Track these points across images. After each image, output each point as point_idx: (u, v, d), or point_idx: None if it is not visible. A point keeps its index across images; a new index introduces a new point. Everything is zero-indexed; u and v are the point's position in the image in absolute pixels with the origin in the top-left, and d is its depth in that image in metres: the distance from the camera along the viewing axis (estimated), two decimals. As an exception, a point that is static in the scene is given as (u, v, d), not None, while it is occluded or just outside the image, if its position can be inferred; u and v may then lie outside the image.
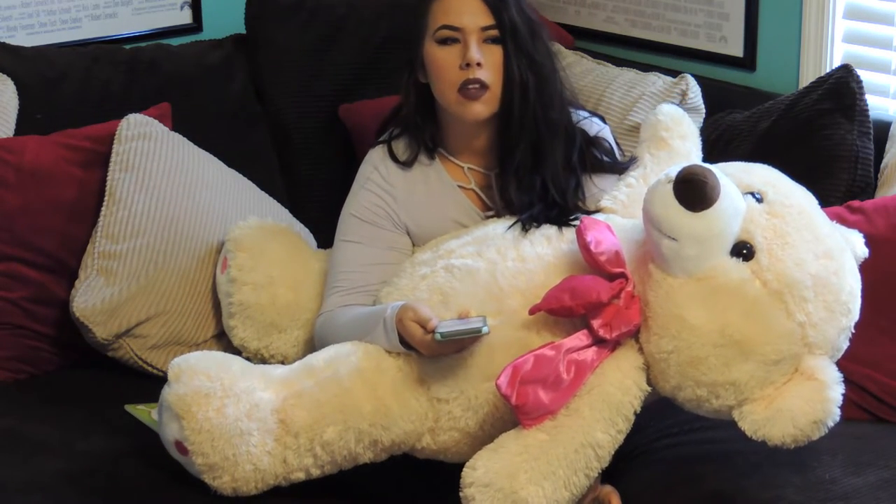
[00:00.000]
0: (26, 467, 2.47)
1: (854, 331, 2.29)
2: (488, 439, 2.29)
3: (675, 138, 2.62)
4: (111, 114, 2.99)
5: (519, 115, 2.54)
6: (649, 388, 2.29)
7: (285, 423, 2.35)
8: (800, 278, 2.19)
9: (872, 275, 2.36)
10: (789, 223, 2.23)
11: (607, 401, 2.25)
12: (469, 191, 2.65)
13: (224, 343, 2.83)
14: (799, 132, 2.86)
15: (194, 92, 3.22)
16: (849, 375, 2.24)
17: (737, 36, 3.26)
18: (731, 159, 2.46)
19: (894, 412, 2.51)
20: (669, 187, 2.17)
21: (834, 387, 2.18)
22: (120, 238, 2.82)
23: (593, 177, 2.60)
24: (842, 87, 2.83)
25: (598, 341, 2.27)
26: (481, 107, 2.53)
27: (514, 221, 2.51)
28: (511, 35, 2.53)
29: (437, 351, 2.33)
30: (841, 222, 2.43)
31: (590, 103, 3.12)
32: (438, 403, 2.37)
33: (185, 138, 3.00)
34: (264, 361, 2.71)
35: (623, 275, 2.28)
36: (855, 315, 2.27)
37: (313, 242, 3.02)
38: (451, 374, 2.36)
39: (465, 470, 2.23)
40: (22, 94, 3.01)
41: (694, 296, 2.21)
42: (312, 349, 2.56)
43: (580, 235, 2.30)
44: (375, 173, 2.66)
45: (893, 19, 3.04)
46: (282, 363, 2.61)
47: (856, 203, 2.65)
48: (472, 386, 2.35)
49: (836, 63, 3.09)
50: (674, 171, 2.19)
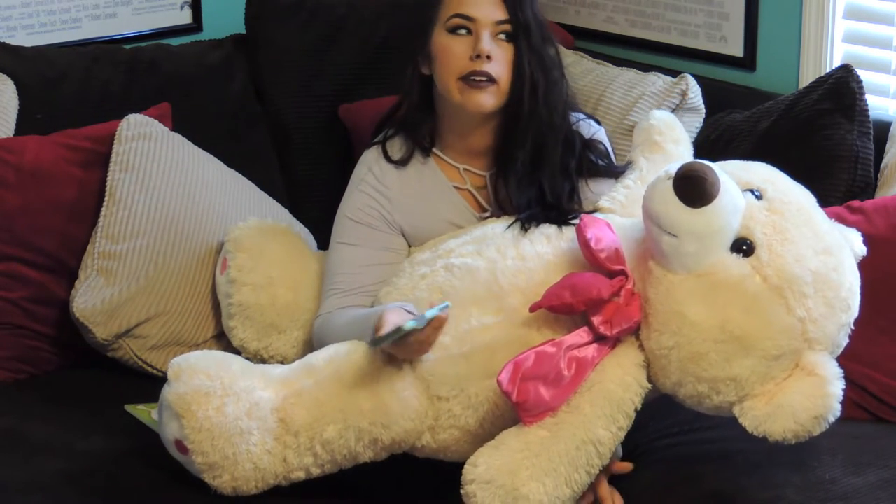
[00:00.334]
0: (26, 467, 2.46)
1: (854, 330, 2.29)
2: (488, 437, 2.29)
3: (668, 142, 2.64)
4: (111, 114, 2.99)
5: (526, 115, 2.54)
6: (650, 385, 2.29)
7: (285, 422, 2.35)
8: (800, 274, 2.19)
9: (872, 274, 2.36)
10: (789, 219, 2.23)
11: (608, 397, 2.25)
12: (464, 191, 2.65)
13: (224, 343, 2.83)
14: (799, 132, 2.86)
15: (194, 92, 3.22)
16: (849, 375, 2.24)
17: (737, 36, 3.26)
18: (730, 159, 2.46)
19: (894, 412, 2.51)
20: (669, 184, 2.18)
21: (834, 382, 2.18)
22: (120, 238, 2.82)
23: (589, 181, 2.60)
24: (842, 87, 2.83)
25: (598, 338, 2.27)
26: (486, 97, 2.53)
27: (514, 221, 2.51)
28: (524, 33, 2.54)
29: (402, 356, 2.33)
30: (841, 222, 2.43)
31: (590, 103, 3.12)
32: (438, 401, 2.37)
33: (185, 138, 3.00)
34: (264, 362, 2.70)
35: (623, 272, 2.29)
36: (854, 312, 2.27)
37: (313, 243, 3.02)
38: (452, 372, 2.36)
39: (466, 467, 2.23)
40: (22, 94, 3.01)
41: (694, 292, 2.21)
42: (312, 350, 2.56)
43: (580, 233, 2.30)
44: (370, 175, 2.66)
45: (893, 19, 3.05)
46: (281, 363, 2.61)
47: (856, 203, 2.66)
48: (472, 384, 2.35)
49: (836, 63, 3.09)
50: (674, 167, 2.19)
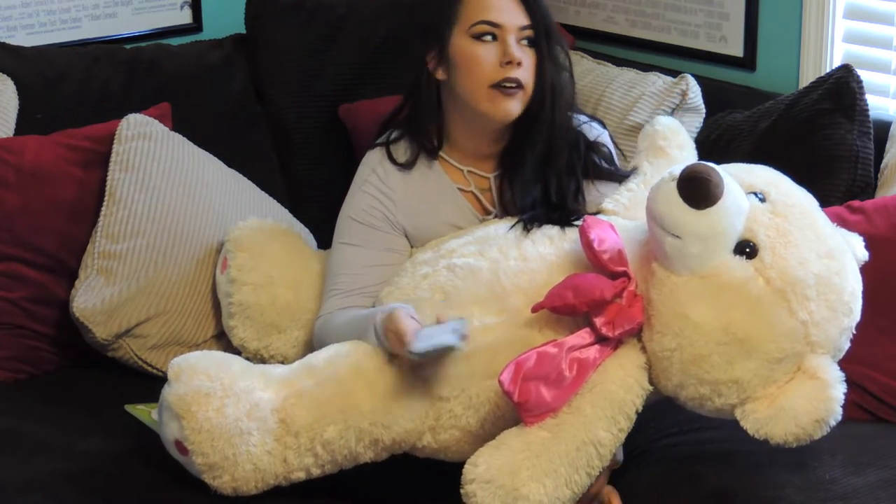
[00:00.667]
0: (26, 467, 2.46)
1: (854, 331, 2.29)
2: (489, 438, 2.29)
3: (672, 147, 2.64)
4: (111, 114, 2.99)
5: (543, 119, 2.54)
6: (651, 387, 2.29)
7: (285, 423, 2.34)
8: (803, 277, 2.20)
9: (872, 275, 2.36)
10: (792, 222, 2.23)
11: (609, 399, 2.25)
12: (468, 193, 2.65)
13: (224, 343, 2.83)
14: (799, 132, 2.86)
15: (194, 92, 3.22)
16: (849, 375, 2.24)
17: (737, 36, 3.26)
18: (731, 159, 2.47)
19: (894, 412, 2.51)
20: (673, 185, 2.18)
21: (836, 385, 2.19)
22: (120, 238, 2.82)
23: (595, 182, 2.60)
24: (842, 87, 2.83)
25: (600, 339, 2.27)
26: (515, 104, 2.53)
27: (516, 221, 2.51)
28: (545, 37, 2.54)
29: (418, 363, 2.33)
30: (841, 222, 2.43)
31: (590, 103, 3.13)
32: (439, 402, 2.37)
33: (185, 138, 3.00)
34: (264, 361, 2.70)
35: (625, 273, 2.29)
36: (856, 315, 2.28)
37: (313, 242, 3.02)
38: (453, 372, 2.35)
39: (466, 467, 2.23)
40: (22, 94, 3.01)
41: (697, 293, 2.21)
42: (312, 350, 2.56)
43: (584, 233, 2.30)
44: (373, 176, 2.66)
45: (893, 19, 3.05)
46: (281, 363, 2.61)
47: (856, 203, 2.66)
48: (473, 384, 2.35)
49: (836, 63, 3.09)
50: (678, 169, 2.19)
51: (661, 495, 2.34)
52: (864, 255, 2.38)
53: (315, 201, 3.26)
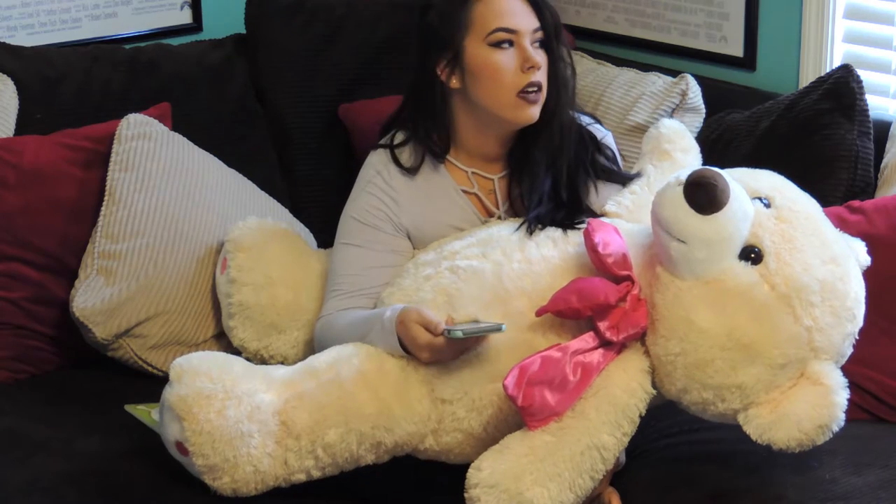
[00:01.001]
0: (26, 467, 2.46)
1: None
2: (491, 441, 2.29)
3: (677, 151, 2.63)
4: (111, 114, 2.99)
5: (555, 118, 2.54)
6: (655, 391, 2.29)
7: (287, 425, 2.34)
8: (808, 283, 2.20)
9: (872, 275, 2.37)
10: (797, 228, 2.24)
11: (613, 403, 2.25)
12: (472, 195, 2.64)
13: (224, 343, 2.83)
14: (799, 132, 2.86)
15: (194, 92, 3.22)
16: (849, 376, 2.25)
17: (737, 36, 3.27)
18: (731, 159, 2.47)
19: (894, 412, 2.52)
20: (679, 190, 2.18)
21: (839, 392, 2.20)
22: (120, 238, 2.82)
23: (598, 183, 2.60)
24: (842, 87, 2.83)
25: (604, 343, 2.27)
26: (536, 108, 2.52)
27: (521, 223, 2.50)
28: (555, 37, 2.53)
29: (438, 356, 2.33)
30: (841, 222, 2.44)
31: (590, 103, 3.13)
32: (442, 405, 2.37)
33: (185, 138, 2.99)
34: (264, 362, 2.70)
35: (630, 277, 2.28)
36: (859, 322, 2.28)
37: (313, 242, 3.02)
38: (456, 375, 2.35)
39: (470, 471, 2.23)
40: (22, 94, 3.01)
41: (702, 298, 2.21)
42: (312, 350, 2.56)
43: (588, 237, 2.30)
44: (378, 177, 2.64)
45: (893, 19, 3.05)
46: (282, 364, 2.61)
47: (856, 203, 2.66)
48: (476, 387, 2.35)
49: (836, 63, 3.09)
50: (684, 174, 2.19)
51: (661, 495, 2.34)
52: (866, 259, 2.39)
53: (315, 201, 3.25)
